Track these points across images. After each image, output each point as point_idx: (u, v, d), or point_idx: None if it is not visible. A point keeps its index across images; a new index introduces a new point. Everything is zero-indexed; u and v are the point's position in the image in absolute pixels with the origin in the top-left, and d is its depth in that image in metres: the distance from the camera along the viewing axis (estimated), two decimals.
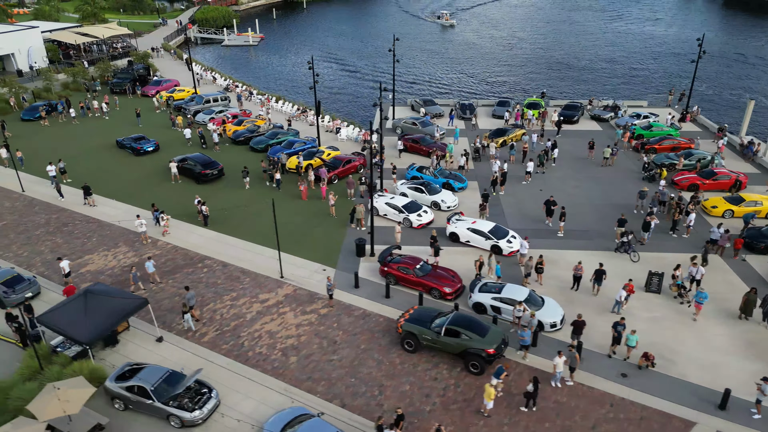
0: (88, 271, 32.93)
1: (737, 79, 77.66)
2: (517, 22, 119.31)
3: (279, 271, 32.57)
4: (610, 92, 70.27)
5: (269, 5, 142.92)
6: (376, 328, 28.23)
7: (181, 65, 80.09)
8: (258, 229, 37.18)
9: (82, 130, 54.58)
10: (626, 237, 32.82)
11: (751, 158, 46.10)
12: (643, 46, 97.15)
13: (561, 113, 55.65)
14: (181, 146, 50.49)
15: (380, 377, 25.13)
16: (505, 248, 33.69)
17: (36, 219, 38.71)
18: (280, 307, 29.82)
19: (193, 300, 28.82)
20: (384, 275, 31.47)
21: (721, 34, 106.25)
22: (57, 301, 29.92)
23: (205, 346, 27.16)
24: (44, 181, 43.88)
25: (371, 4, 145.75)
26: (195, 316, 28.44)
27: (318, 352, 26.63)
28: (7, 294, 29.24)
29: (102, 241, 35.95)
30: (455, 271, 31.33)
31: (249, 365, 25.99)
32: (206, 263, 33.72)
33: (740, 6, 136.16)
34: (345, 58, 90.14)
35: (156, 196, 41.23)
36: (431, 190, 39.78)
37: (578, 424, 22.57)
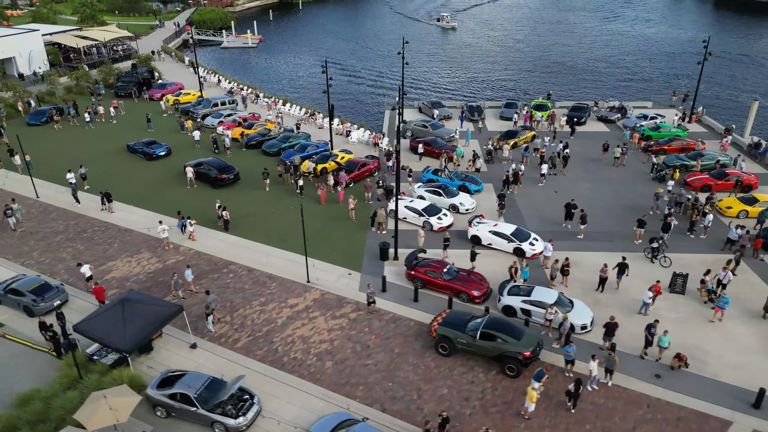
0: (113, 278, 32.87)
1: (735, 79, 78.64)
2: (514, 24, 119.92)
3: (305, 275, 32.67)
4: (611, 93, 70.92)
5: (265, 6, 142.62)
6: (408, 332, 28.45)
7: (183, 68, 79.86)
8: (278, 233, 37.28)
9: (90, 134, 54.32)
10: (656, 242, 33.01)
11: (760, 159, 46.68)
12: (639, 46, 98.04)
13: (568, 114, 56.11)
14: (191, 150, 50.43)
15: (417, 381, 25.36)
16: (528, 251, 34.04)
17: (54, 226, 38.53)
18: (310, 311, 29.95)
19: (213, 303, 29.03)
20: (411, 279, 31.71)
21: (715, 35, 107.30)
22: (85, 309, 29.93)
23: (239, 352, 27.25)
24: (58, 186, 43.67)
25: (364, 4, 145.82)
26: (216, 317, 28.63)
27: (353, 357, 26.81)
28: (36, 302, 29.15)
29: (124, 248, 35.88)
30: (482, 274, 31.57)
31: (285, 371, 26.12)
32: (231, 268, 33.78)
33: (731, 6, 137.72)
34: (344, 59, 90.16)
35: (172, 201, 41.19)
36: (449, 192, 40.07)
37: (618, 426, 22.93)
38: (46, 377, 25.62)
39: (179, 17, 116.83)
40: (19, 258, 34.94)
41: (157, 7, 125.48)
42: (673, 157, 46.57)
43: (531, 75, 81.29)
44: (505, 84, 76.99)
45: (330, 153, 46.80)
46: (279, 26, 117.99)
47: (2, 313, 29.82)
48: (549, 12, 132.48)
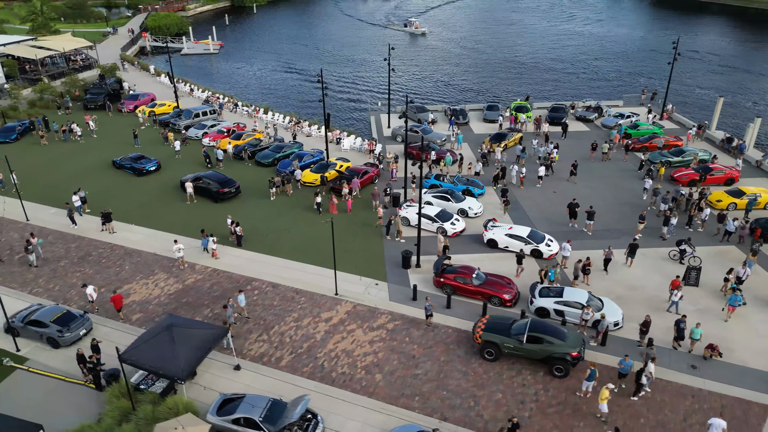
0: (133, 302, 31.88)
1: (687, 75, 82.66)
2: (476, 26, 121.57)
3: (332, 288, 32.61)
4: (578, 93, 73.31)
5: (216, 10, 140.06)
6: (448, 339, 28.88)
7: (148, 77, 77.50)
8: (294, 246, 37.02)
9: (69, 151, 52.07)
10: (684, 244, 34.14)
11: (735, 154, 49.34)
12: (595, 46, 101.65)
13: (549, 116, 57.74)
14: (179, 163, 49.16)
15: (470, 388, 25.83)
16: (545, 252, 35.03)
17: (54, 250, 36.96)
18: (346, 324, 29.95)
19: (231, 318, 28.90)
20: (440, 286, 32.14)
21: (661, 33, 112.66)
22: (110, 336, 28.93)
23: (285, 371, 27.02)
24: (47, 207, 41.89)
25: (314, 7, 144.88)
26: (232, 333, 28.38)
27: (400, 368, 27.02)
28: (62, 333, 28.01)
29: (136, 269, 34.81)
30: (509, 278, 32.33)
31: (336, 386, 26.08)
32: (254, 285, 33.33)
33: (667, 4, 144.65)
34: (308, 65, 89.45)
35: (174, 218, 40.26)
36: (456, 197, 40.71)
37: (670, 418, 24.06)
38: (90, 411, 24.73)
39: (131, 23, 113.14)
40: (25, 286, 33.38)
41: (106, 12, 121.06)
42: (656, 154, 48.69)
43: (500, 77, 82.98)
44: (478, 87, 78.34)
45: (328, 162, 46.63)
46: (236, 31, 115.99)
47: (24, 346, 28.46)
48: (503, 13, 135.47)
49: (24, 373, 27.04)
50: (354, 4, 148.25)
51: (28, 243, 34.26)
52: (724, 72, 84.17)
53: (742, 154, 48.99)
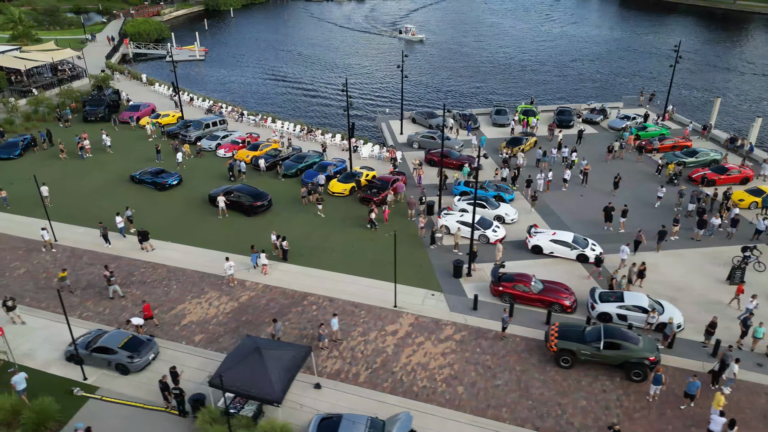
0: (191, 323, 31.32)
1: (681, 77, 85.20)
2: (457, 30, 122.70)
3: (389, 300, 32.69)
4: (569, 95, 74.97)
5: (190, 15, 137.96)
6: (518, 348, 29.30)
7: (138, 86, 75.71)
8: (340, 259, 36.91)
9: (79, 166, 50.51)
10: (748, 251, 35.01)
11: (744, 154, 51.28)
12: (576, 48, 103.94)
13: (556, 119, 58.85)
14: (201, 176, 48.36)
15: (553, 396, 26.29)
16: (591, 256, 35.80)
17: (93, 271, 35.95)
18: (414, 337, 30.08)
19: (280, 332, 28.96)
20: (498, 295, 32.52)
21: (633, 32, 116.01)
22: (177, 359, 28.41)
23: (366, 387, 27.00)
24: (72, 227, 40.66)
25: (289, 10, 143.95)
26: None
27: (480, 379, 27.31)
28: (132, 358, 27.35)
29: (185, 288, 34.18)
30: (565, 284, 32.95)
31: (421, 401, 26.21)
32: (310, 300, 33.13)
33: (635, 4, 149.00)
34: (296, 72, 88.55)
35: (209, 233, 39.70)
36: (492, 204, 41.18)
37: (751, 416, 25.01)
38: None
39: (107, 29, 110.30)
40: (73, 311, 32.38)
41: (79, 18, 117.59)
42: (670, 155, 50.19)
43: (497, 81, 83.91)
44: (475, 91, 79.11)
45: (354, 171, 46.57)
46: (217, 36, 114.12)
47: (90, 374, 27.63)
48: (484, 16, 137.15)
49: (98, 402, 26.32)
50: (325, 8, 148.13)
51: (111, 274, 32.95)
52: (710, 71, 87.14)
53: (751, 154, 50.90)
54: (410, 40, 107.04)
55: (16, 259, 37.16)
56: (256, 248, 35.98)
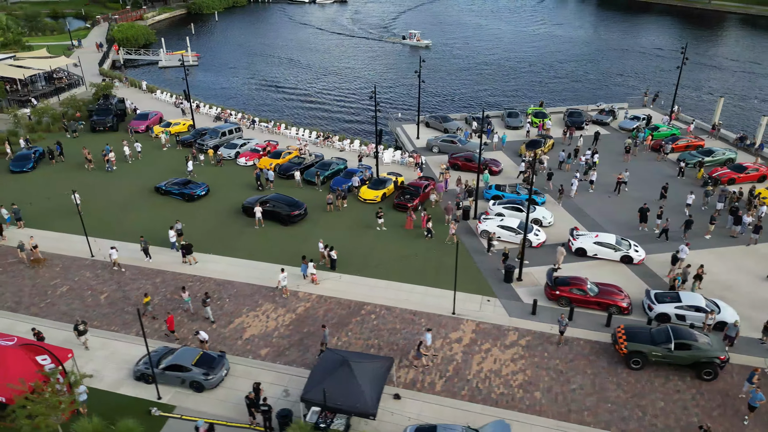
0: (253, 336, 31.05)
1: (668, 75, 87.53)
2: (446, 33, 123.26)
3: (447, 307, 32.93)
4: (569, 96, 76.33)
5: (173, 18, 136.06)
6: (584, 351, 29.80)
7: (138, 93, 74.35)
8: (386, 266, 36.93)
9: (98, 178, 49.31)
10: None
11: (755, 152, 52.92)
12: (564, 49, 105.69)
13: (570, 121, 59.79)
14: (226, 186, 47.82)
15: (630, 398, 26.84)
16: (635, 257, 36.57)
17: (140, 286, 35.31)
18: (480, 344, 30.34)
19: (327, 338, 29.02)
20: (554, 298, 32.96)
21: (614, 32, 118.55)
22: (249, 374, 28.18)
23: (443, 395, 27.16)
24: (107, 241, 39.68)
25: (273, 14, 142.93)
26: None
27: (555, 384, 27.71)
28: (208, 375, 27.01)
29: (239, 301, 33.82)
30: (618, 286, 33.59)
31: (502, 407, 26.50)
32: (367, 309, 33.13)
33: (614, 5, 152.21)
34: (293, 77, 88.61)
35: (250, 244, 39.40)
36: (532, 208, 41.59)
37: None
38: None
39: (92, 35, 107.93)
40: (128, 328, 31.78)
41: (59, 24, 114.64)
42: (686, 155, 51.50)
43: (498, 84, 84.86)
44: (477, 95, 79.86)
45: (384, 178, 46.61)
46: (205, 40, 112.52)
47: (163, 393, 27.16)
48: (466, 17, 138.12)
49: (177, 421, 25.92)
50: (308, 10, 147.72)
51: (206, 296, 32.27)
52: (701, 70, 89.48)
53: (761, 152, 52.59)
54: (415, 46, 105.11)
55: (55, 277, 36.26)
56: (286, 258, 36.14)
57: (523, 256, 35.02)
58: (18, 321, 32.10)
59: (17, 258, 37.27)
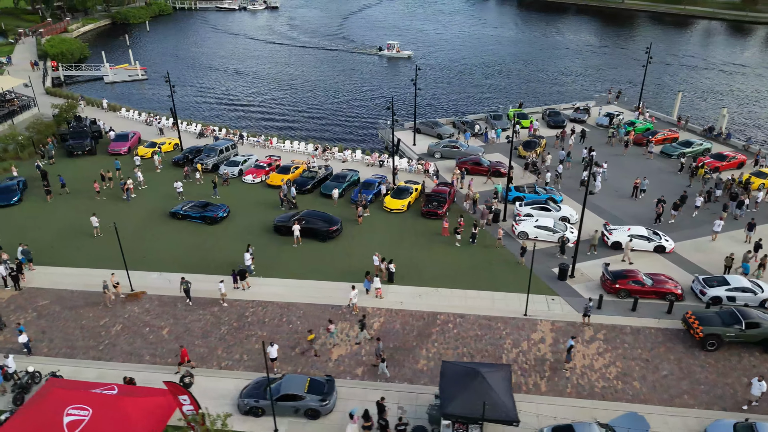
0: (341, 356, 30.87)
1: (602, 71, 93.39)
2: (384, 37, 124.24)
3: (516, 310, 34.10)
4: (528, 97, 79.92)
5: (98, 29, 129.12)
6: (659, 339, 31.86)
7: (100, 112, 70.07)
8: (440, 274, 37.57)
9: (101, 206, 46.44)
10: None
11: (723, 141, 57.95)
12: (502, 50, 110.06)
13: (551, 121, 62.72)
14: (242, 204, 46.57)
15: (717, 378, 29.10)
16: (667, 246, 39.33)
17: (198, 317, 33.99)
18: (563, 342, 31.66)
19: (381, 350, 29.71)
20: (614, 291, 34.88)
21: (542, 32, 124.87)
22: (355, 396, 28.09)
23: (551, 395, 28.22)
24: (143, 273, 37.84)
25: (202, 21, 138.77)
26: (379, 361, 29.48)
27: (647, 372, 29.50)
28: (324, 401, 26.67)
29: (311, 322, 33.34)
30: (667, 274, 36.06)
31: (609, 400, 27.94)
32: (442, 318, 33.68)
33: (533, 5, 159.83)
34: (250, 87, 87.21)
35: (290, 263, 38.80)
36: (554, 207, 43.57)
37: None
38: None
39: (18, 52, 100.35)
40: (209, 361, 30.59)
41: None
42: (669, 147, 55.58)
43: (454, 88, 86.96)
44: (441, 100, 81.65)
45: (404, 186, 47.10)
46: (142, 52, 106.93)
47: (280, 425, 26.50)
48: (407, 22, 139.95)
49: None
50: (238, 17, 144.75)
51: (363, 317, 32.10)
52: (633, 66, 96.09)
53: (728, 140, 57.66)
54: (395, 57, 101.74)
55: (101, 316, 34.18)
56: (351, 273, 36.07)
57: (576, 253, 36.65)
58: (82, 367, 30.11)
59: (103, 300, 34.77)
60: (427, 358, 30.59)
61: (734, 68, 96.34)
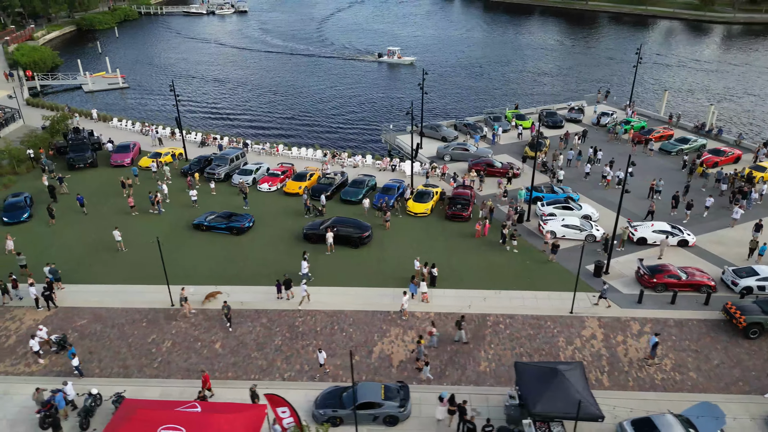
0: (403, 362, 31.02)
1: (579, 70, 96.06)
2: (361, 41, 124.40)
3: (561, 308, 34.99)
4: (509, 99, 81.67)
5: (64, 36, 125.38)
6: (701, 330, 33.21)
7: (90, 123, 68.12)
8: (479, 276, 38.17)
9: (119, 222, 45.43)
10: None
11: (718, 137, 60.54)
12: (478, 53, 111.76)
13: (549, 121, 64.24)
14: (265, 213, 46.18)
15: (765, 364, 30.55)
16: (690, 240, 40.96)
17: (249, 330, 33.63)
18: (614, 337, 32.68)
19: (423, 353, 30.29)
20: (652, 285, 36.13)
21: (513, 34, 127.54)
22: (425, 401, 28.38)
23: (615, 389, 29.11)
24: (178, 287, 37.16)
25: (168, 26, 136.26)
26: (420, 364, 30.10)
27: (700, 363, 30.73)
28: (402, 407, 26.87)
29: (364, 330, 33.44)
30: (698, 267, 37.59)
31: (671, 391, 28.99)
32: (492, 320, 34.25)
33: (498, 7, 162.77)
34: (236, 93, 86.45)
35: (328, 271, 38.74)
36: (576, 206, 44.76)
37: None
38: None
39: None
40: (269, 373, 30.36)
41: None
42: (667, 144, 57.72)
43: (436, 93, 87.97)
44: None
45: (425, 189, 47.57)
46: (116, 59, 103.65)
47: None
48: (378, 25, 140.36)
49: None
50: (206, 22, 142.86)
51: (462, 318, 32.08)
52: (607, 65, 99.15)
53: (720, 136, 60.28)
54: (396, 64, 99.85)
55: (147, 333, 33.47)
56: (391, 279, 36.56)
57: (611, 250, 37.78)
58: (141, 386, 29.46)
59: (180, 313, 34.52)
60: (487, 359, 31.08)
61: (705, 65, 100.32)
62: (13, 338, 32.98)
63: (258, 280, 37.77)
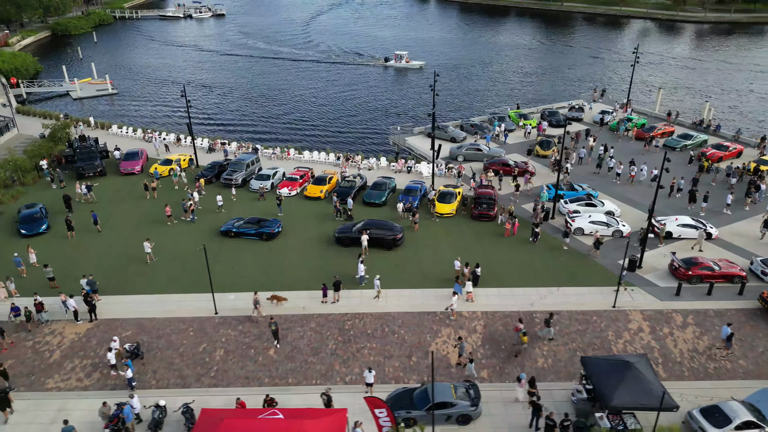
0: (460, 363, 31.28)
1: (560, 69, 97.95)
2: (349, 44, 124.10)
3: (603, 303, 35.73)
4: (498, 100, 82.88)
5: (39, 42, 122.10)
6: (740, 319, 34.32)
7: (88, 130, 66.50)
8: (517, 274, 38.69)
9: (145, 231, 44.67)
10: None
11: (717, 133, 62.53)
12: (461, 54, 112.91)
13: (552, 120, 65.35)
14: (290, 217, 45.89)
15: None
16: (714, 233, 42.26)
17: (300, 335, 33.45)
18: (659, 330, 33.54)
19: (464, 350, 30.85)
20: (688, 278, 37.16)
21: (496, 35, 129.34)
22: (493, 398, 28.71)
23: (673, 380, 29.85)
24: (221, 294, 36.69)
25: (146, 30, 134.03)
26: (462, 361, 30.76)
27: (746, 350, 31.78)
28: (474, 406, 27.13)
29: (415, 331, 33.58)
30: (727, 259, 38.83)
31: (725, 379, 29.95)
32: (537, 316, 34.77)
33: (475, 8, 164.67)
34: (226, 98, 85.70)
35: (366, 272, 38.54)
36: (600, 202, 45.69)
37: None
38: None
39: None
40: (330, 379, 30.27)
41: None
42: (671, 140, 59.35)
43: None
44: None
45: (448, 190, 47.91)
46: (97, 65, 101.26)
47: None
48: (361, 28, 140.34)
49: None
50: (183, 25, 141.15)
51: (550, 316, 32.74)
52: (593, 64, 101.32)
53: (718, 132, 62.30)
54: (404, 68, 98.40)
55: (197, 342, 32.98)
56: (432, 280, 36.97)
57: (644, 245, 38.70)
58: (203, 395, 29.04)
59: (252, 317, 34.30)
60: (543, 356, 31.55)
61: (688, 63, 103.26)
62: (57, 353, 32.11)
63: (296, 285, 37.50)
